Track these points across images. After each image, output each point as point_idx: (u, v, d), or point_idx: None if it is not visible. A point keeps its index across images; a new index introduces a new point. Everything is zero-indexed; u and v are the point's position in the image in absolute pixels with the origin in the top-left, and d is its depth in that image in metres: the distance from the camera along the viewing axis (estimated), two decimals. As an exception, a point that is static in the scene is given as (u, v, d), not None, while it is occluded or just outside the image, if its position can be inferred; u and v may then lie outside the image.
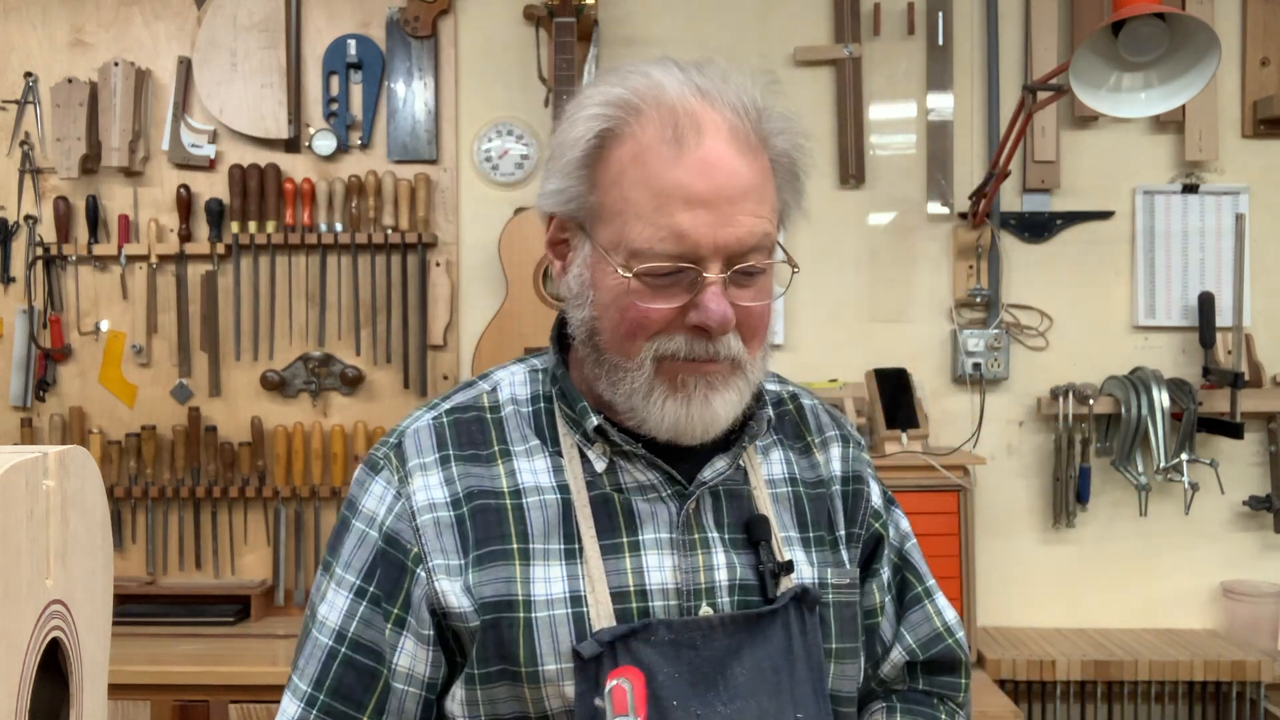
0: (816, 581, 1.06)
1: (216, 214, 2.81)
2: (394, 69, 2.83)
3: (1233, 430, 2.60)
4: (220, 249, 2.82)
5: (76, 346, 2.87)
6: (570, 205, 1.00)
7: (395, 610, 1.00)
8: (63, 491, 0.70)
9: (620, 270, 0.96)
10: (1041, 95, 2.43)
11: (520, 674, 0.97)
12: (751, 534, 1.04)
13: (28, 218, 2.87)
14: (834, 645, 1.06)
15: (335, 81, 2.84)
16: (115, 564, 2.33)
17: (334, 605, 1.01)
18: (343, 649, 1.00)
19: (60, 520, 0.70)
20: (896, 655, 1.15)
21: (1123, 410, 2.66)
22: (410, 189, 2.81)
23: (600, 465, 1.03)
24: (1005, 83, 2.80)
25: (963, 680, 1.18)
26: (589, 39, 2.73)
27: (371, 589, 1.00)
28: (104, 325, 2.87)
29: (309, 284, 2.84)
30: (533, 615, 0.98)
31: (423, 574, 0.99)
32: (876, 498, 1.16)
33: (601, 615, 0.98)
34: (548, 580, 0.99)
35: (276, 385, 2.83)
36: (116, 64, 2.78)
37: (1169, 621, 2.79)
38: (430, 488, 1.02)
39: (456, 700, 1.01)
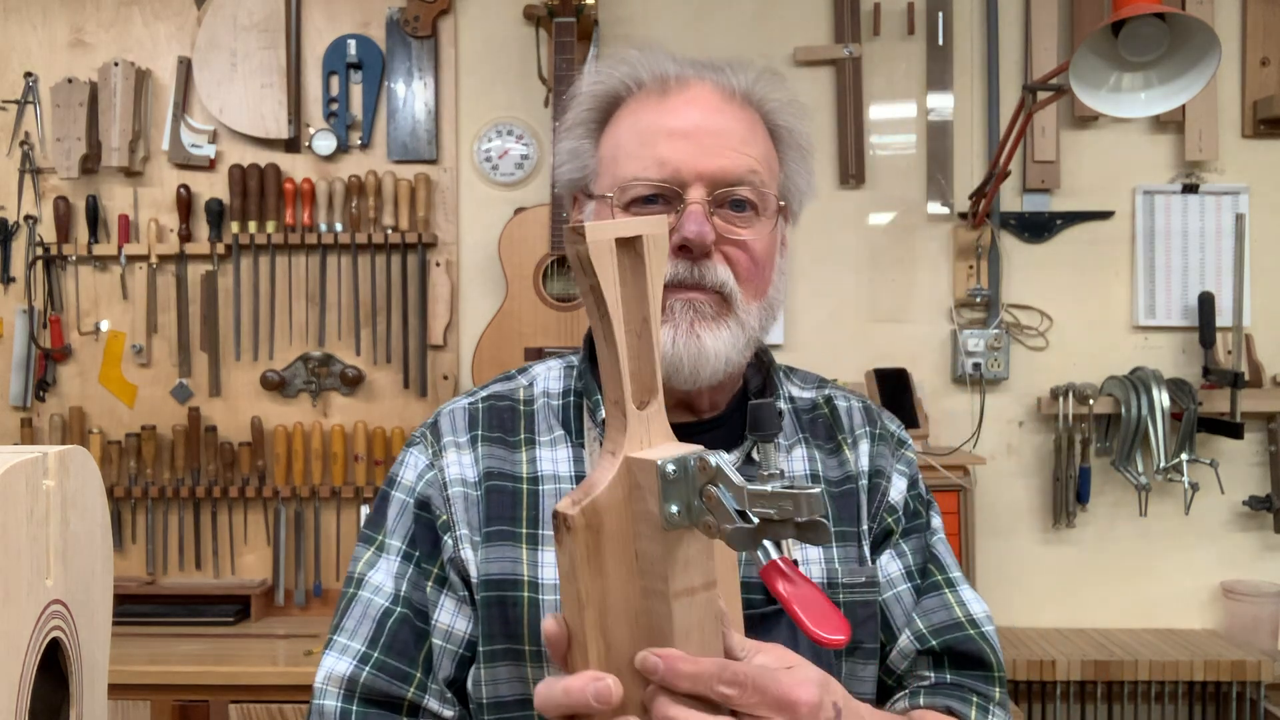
0: (825, 581, 1.05)
1: (216, 214, 2.81)
2: (394, 69, 2.83)
3: (1233, 430, 2.60)
4: (220, 249, 2.82)
5: (76, 346, 2.87)
6: (574, 166, 1.09)
7: (435, 570, 1.04)
8: (63, 491, 0.70)
9: (613, 205, 1.03)
10: (1041, 95, 2.43)
11: (524, 652, 1.00)
12: None
13: (28, 218, 2.87)
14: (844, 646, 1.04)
15: (335, 81, 2.84)
16: (115, 564, 2.33)
17: (384, 570, 1.05)
18: (398, 609, 1.03)
19: (60, 520, 0.70)
20: (904, 641, 1.08)
21: (1123, 410, 2.66)
22: (410, 189, 2.81)
23: None
24: (1005, 83, 2.80)
25: (995, 675, 1.08)
26: (589, 39, 2.73)
27: (415, 552, 1.05)
28: (104, 325, 2.87)
29: (309, 284, 2.84)
30: (539, 596, 1.00)
31: (449, 541, 1.04)
32: (898, 495, 1.12)
33: None
34: (556, 565, 1.01)
35: (276, 385, 2.83)
36: (116, 64, 2.78)
37: (1169, 621, 2.79)
38: (463, 464, 1.07)
39: (470, 678, 1.03)
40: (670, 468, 0.71)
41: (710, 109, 1.04)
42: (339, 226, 2.81)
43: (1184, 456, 2.64)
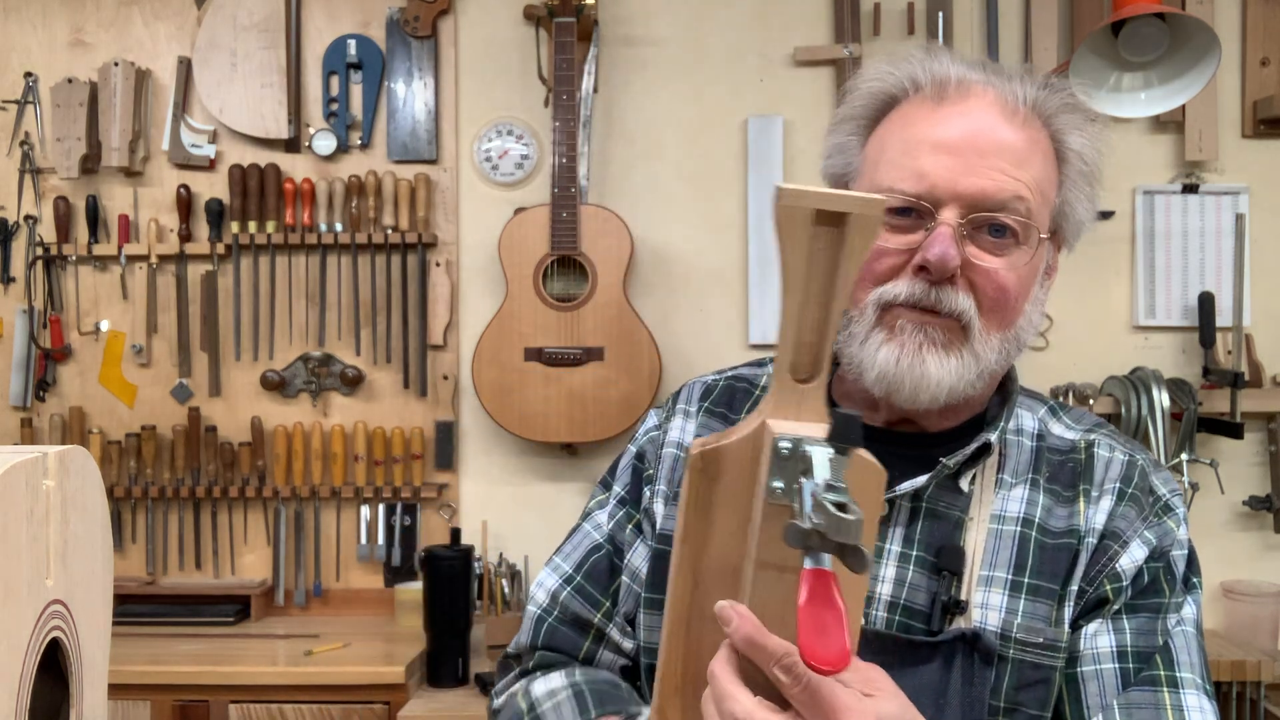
0: (999, 631, 0.97)
1: (216, 214, 2.81)
2: (394, 69, 2.83)
3: (1233, 430, 2.59)
4: (220, 249, 2.82)
5: (76, 346, 2.87)
6: (839, 161, 1.07)
7: (638, 516, 1.14)
8: (63, 491, 0.70)
9: None
10: (1041, 95, 2.42)
11: None
12: (939, 560, 0.99)
13: (28, 218, 2.87)
14: (1002, 704, 0.97)
15: (335, 81, 2.84)
16: (115, 564, 2.33)
17: (605, 510, 1.17)
18: (605, 545, 1.14)
19: (60, 520, 0.70)
20: None
21: (1123, 410, 2.66)
22: (410, 189, 2.81)
23: None
24: (1005, 83, 2.80)
25: None
26: (589, 39, 2.73)
27: (629, 498, 1.16)
28: (104, 325, 2.87)
29: (309, 284, 2.84)
30: None
31: (648, 492, 1.13)
32: (1130, 563, 1.00)
33: None
34: None
35: (276, 385, 2.83)
36: (116, 64, 2.78)
37: (1169, 621, 2.79)
38: (684, 430, 1.14)
39: (637, 621, 1.12)
40: (785, 445, 0.70)
41: (986, 123, 0.97)
42: (339, 226, 2.81)
43: (1184, 456, 2.64)
